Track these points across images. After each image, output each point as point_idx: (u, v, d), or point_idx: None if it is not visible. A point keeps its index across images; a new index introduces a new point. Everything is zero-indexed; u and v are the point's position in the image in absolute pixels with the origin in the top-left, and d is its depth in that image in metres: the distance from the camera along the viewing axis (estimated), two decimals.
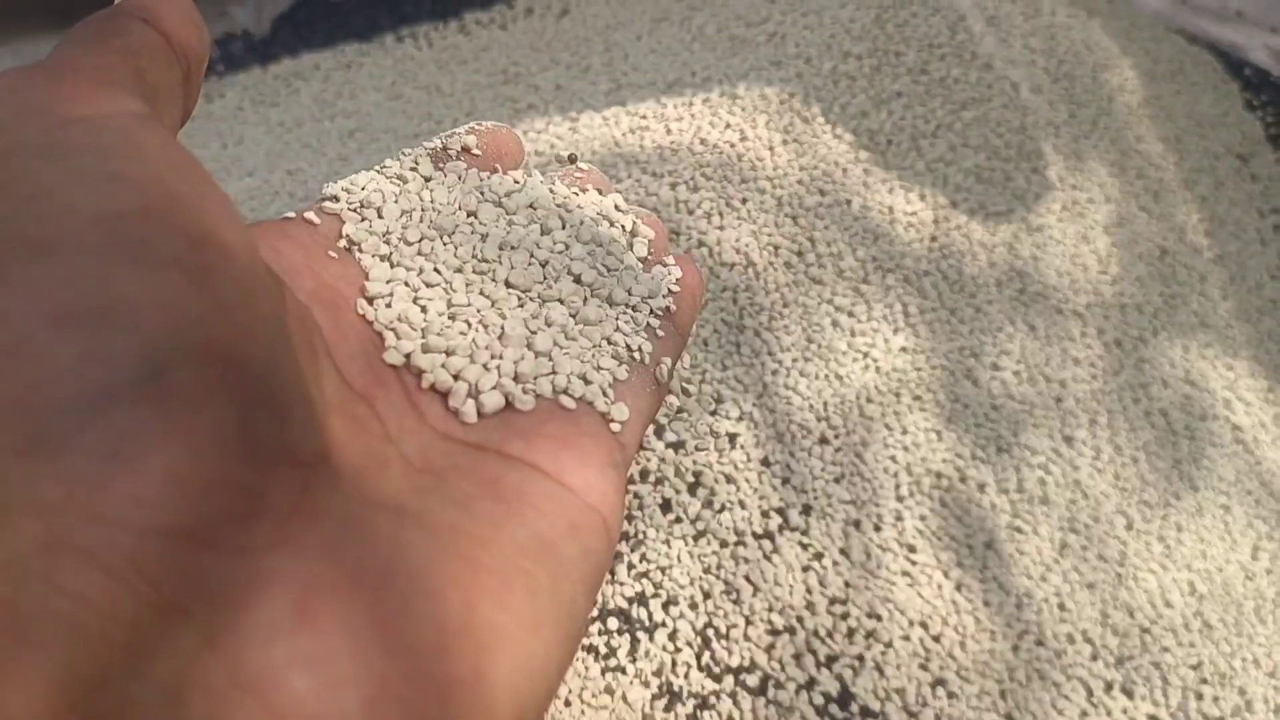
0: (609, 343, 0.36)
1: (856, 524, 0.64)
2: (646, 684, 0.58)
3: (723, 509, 0.62)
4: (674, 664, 0.58)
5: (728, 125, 0.72)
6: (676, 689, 0.58)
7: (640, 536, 0.61)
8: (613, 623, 0.59)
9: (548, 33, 0.99)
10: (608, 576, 0.60)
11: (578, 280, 0.37)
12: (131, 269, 0.19)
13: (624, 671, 0.57)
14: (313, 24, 1.23)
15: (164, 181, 0.21)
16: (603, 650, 0.58)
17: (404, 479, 0.26)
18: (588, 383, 0.33)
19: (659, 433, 0.64)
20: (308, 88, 1.05)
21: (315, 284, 0.30)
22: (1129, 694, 0.65)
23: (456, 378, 0.31)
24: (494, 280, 0.35)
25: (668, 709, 0.57)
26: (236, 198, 0.90)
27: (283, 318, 0.23)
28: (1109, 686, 0.65)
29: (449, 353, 0.32)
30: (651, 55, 0.83)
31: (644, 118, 0.75)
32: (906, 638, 0.62)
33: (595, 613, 0.59)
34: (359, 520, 0.22)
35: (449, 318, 0.33)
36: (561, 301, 0.36)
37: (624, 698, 0.57)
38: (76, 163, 0.20)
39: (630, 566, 0.60)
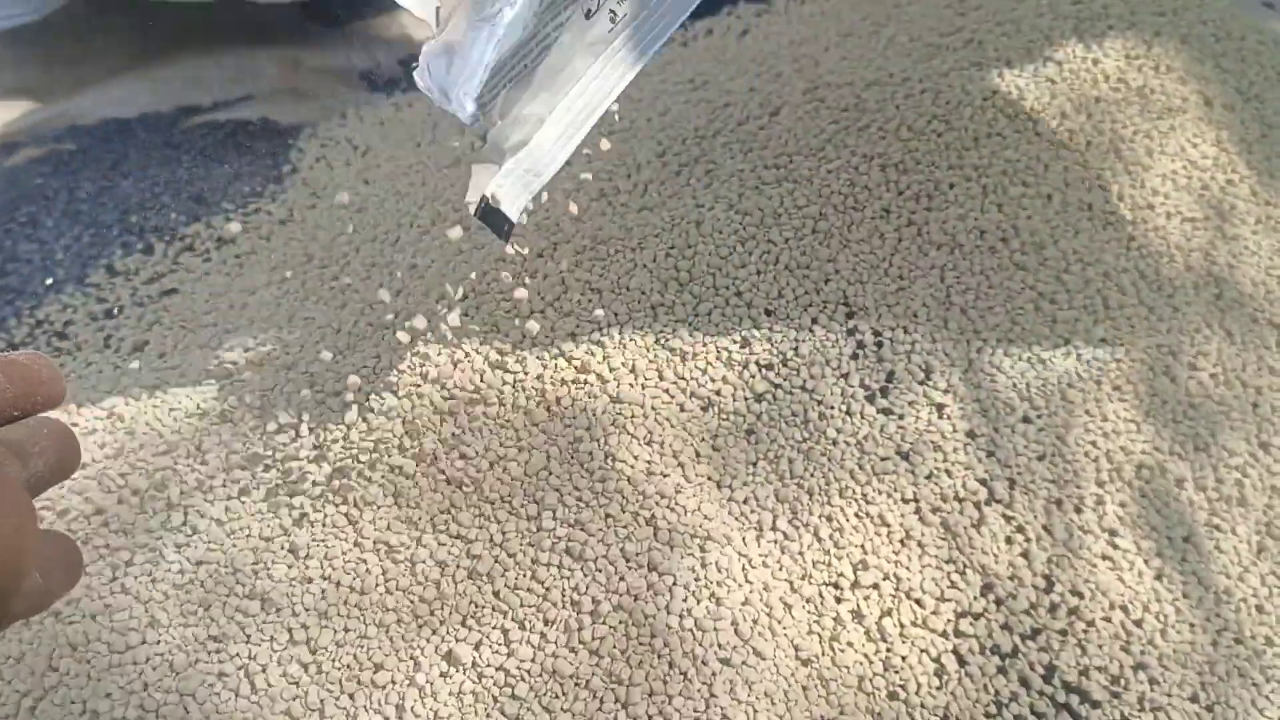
0: None
1: (1058, 503, 0.64)
2: (855, 645, 0.58)
3: (930, 476, 0.63)
4: (880, 624, 0.59)
5: (933, 116, 0.74)
6: (887, 646, 0.58)
7: (851, 495, 0.62)
8: (823, 575, 0.60)
9: (730, 49, 1.03)
10: (832, 529, 0.61)
11: None
12: None
13: (840, 623, 0.58)
14: None
15: None
16: (816, 604, 0.59)
17: None
18: None
19: (870, 398, 0.65)
20: None
21: None
22: None
23: None
24: None
25: (883, 668, 0.58)
26: (435, 186, 0.94)
27: None
28: None
29: None
30: (844, 61, 0.86)
31: (845, 110, 0.78)
32: (1108, 619, 0.62)
33: (812, 565, 0.60)
34: None
35: None
36: None
37: (832, 652, 0.58)
38: None
39: (840, 527, 0.61)
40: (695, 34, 1.10)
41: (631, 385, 0.64)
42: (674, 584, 0.57)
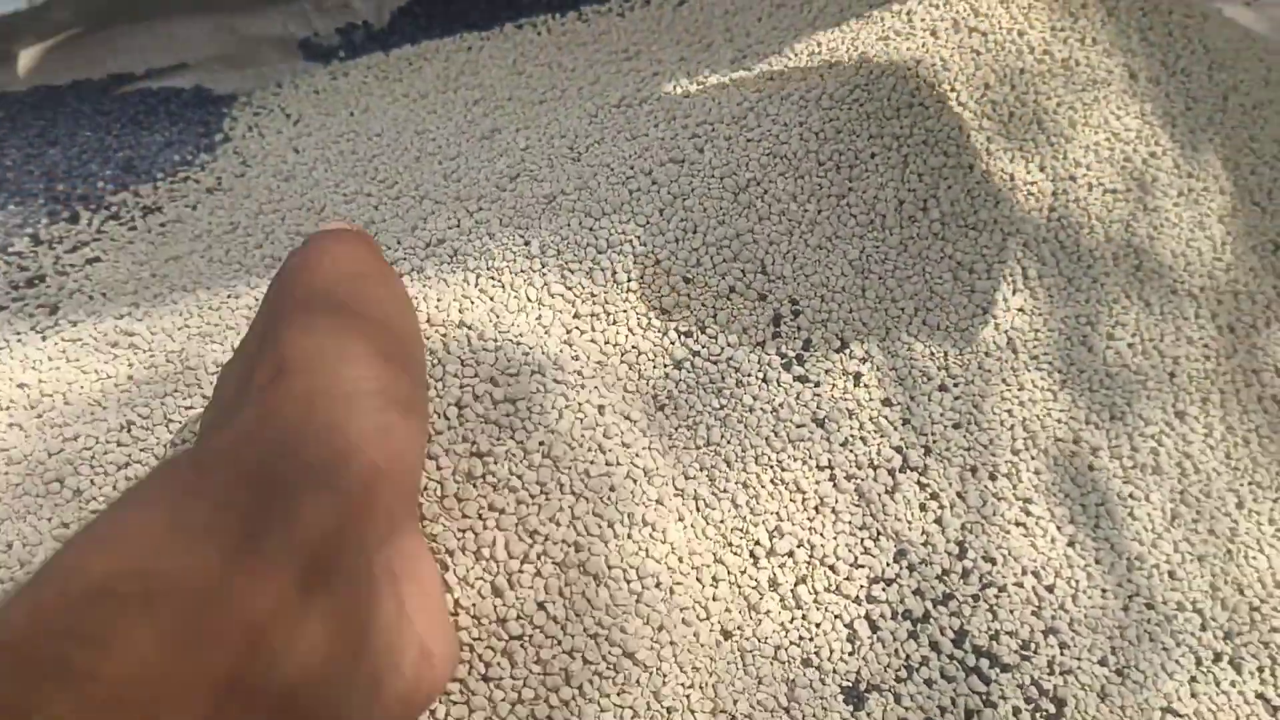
0: None
1: (973, 470, 0.65)
2: (772, 614, 0.59)
3: (845, 443, 0.63)
4: (795, 591, 0.59)
5: (855, 86, 0.74)
6: (802, 614, 0.58)
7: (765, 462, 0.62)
8: (741, 541, 0.60)
9: (666, 19, 1.02)
10: (749, 496, 0.61)
11: None
12: None
13: (759, 590, 0.58)
14: (430, 16, 1.28)
15: None
16: (733, 568, 0.59)
17: None
18: None
19: (787, 366, 0.65)
20: (430, 67, 1.09)
21: None
22: (1237, 669, 0.64)
23: None
24: None
25: (798, 636, 0.58)
26: (365, 154, 0.93)
27: None
28: (1218, 658, 0.64)
29: None
30: (775, 31, 0.86)
31: (771, 79, 0.78)
32: (1020, 585, 0.63)
33: (731, 531, 0.60)
34: None
35: None
36: None
37: (752, 622, 0.58)
38: None
39: (756, 494, 0.61)
40: (632, 4, 1.09)
41: (544, 352, 0.64)
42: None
